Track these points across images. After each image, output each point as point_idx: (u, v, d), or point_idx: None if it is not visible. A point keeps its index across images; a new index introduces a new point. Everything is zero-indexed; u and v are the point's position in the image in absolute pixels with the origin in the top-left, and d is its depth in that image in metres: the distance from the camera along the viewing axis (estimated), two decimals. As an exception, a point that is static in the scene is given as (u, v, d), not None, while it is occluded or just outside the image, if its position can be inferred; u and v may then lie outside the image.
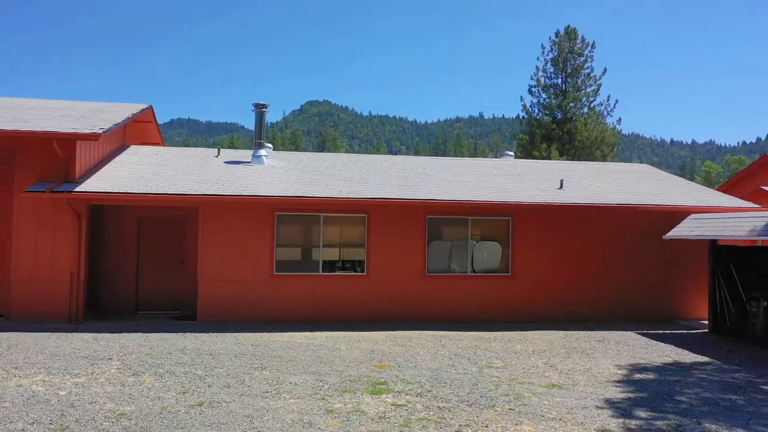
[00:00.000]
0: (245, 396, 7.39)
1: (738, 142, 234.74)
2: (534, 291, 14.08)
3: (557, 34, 42.03)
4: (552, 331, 12.65)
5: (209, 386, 7.79)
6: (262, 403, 7.11)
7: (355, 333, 12.01)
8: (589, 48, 41.50)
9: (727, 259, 13.00)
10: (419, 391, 7.82)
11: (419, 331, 12.34)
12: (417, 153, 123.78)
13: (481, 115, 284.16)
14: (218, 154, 16.69)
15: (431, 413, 6.88)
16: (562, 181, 15.25)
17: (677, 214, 13.97)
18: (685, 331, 13.12)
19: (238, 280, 13.17)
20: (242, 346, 10.50)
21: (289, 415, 6.66)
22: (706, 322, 13.48)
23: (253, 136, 16.64)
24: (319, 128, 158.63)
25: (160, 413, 6.62)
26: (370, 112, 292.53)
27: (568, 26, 42.08)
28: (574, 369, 9.28)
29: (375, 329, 12.47)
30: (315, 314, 13.30)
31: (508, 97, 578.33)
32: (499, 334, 12.28)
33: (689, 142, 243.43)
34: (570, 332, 12.58)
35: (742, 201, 15.40)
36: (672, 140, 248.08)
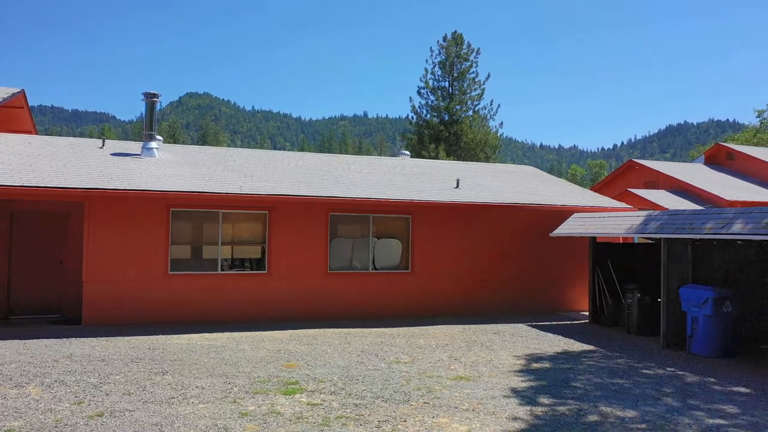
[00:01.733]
0: (149, 403, 6.94)
1: (598, 148, 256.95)
2: (433, 287, 14.48)
3: (445, 38, 43.51)
4: (451, 326, 13.09)
5: (107, 395, 7.23)
6: (169, 409, 6.72)
7: (259, 333, 11.70)
8: (474, 54, 43.42)
9: (605, 255, 14.15)
10: (333, 389, 7.77)
11: (323, 329, 12.26)
12: (302, 150, 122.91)
13: (365, 114, 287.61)
14: (103, 145, 15.51)
15: (348, 411, 6.86)
16: (458, 180, 15.82)
17: (562, 213, 14.99)
18: (569, 322, 14.10)
19: (128, 281, 12.33)
20: (138, 350, 9.85)
21: (201, 421, 6.35)
22: (587, 313, 14.57)
23: (136, 128, 15.83)
24: (200, 121, 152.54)
25: (56, 427, 6.05)
26: (253, 106, 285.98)
27: (455, 31, 43.76)
28: (477, 361, 9.66)
29: (278, 328, 12.22)
30: (215, 315, 12.78)
31: (391, 98, 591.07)
32: (402, 329, 12.50)
33: (556, 147, 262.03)
34: (468, 326, 13.08)
35: (617, 202, 16.84)
36: (541, 144, 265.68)
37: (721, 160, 29.28)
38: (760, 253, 11.65)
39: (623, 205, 16.31)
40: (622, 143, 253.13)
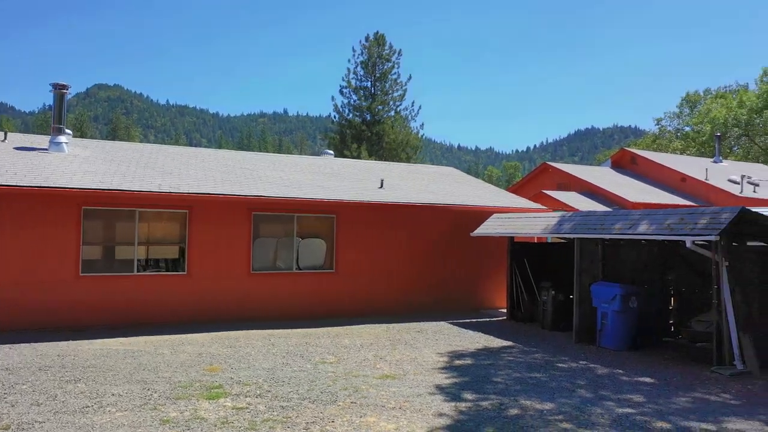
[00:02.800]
0: (62, 413, 6.57)
1: (512, 150, 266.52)
2: (357, 286, 14.53)
3: (367, 38, 43.73)
4: (375, 325, 13.19)
5: (13, 406, 6.78)
6: (84, 419, 6.39)
7: (178, 336, 11.31)
8: (396, 55, 43.93)
9: (522, 254, 14.72)
10: (258, 392, 7.65)
11: (246, 331, 12.02)
12: (220, 147, 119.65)
13: (285, 111, 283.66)
14: (5, 138, 14.46)
15: (275, 413, 6.78)
16: (382, 180, 15.97)
17: (483, 214, 15.45)
18: (488, 319, 14.57)
19: (36, 283, 11.57)
20: (46, 357, 9.28)
21: (119, 430, 6.09)
22: (505, 310, 15.11)
23: (39, 120, 15.02)
24: (109, 115, 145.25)
25: (-44, 443, 5.61)
26: (167, 100, 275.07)
27: (377, 32, 44.09)
28: (401, 359, 9.80)
29: (199, 331, 11.86)
30: (131, 318, 12.22)
31: (312, 96, 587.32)
32: (326, 329, 12.47)
33: (473, 148, 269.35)
34: (391, 325, 13.24)
35: (533, 203, 17.57)
36: (459, 146, 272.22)
37: (625, 164, 31.17)
38: (662, 251, 12.51)
39: (539, 206, 17.05)
40: (535, 146, 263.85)
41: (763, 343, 9.45)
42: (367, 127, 41.89)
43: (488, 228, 14.63)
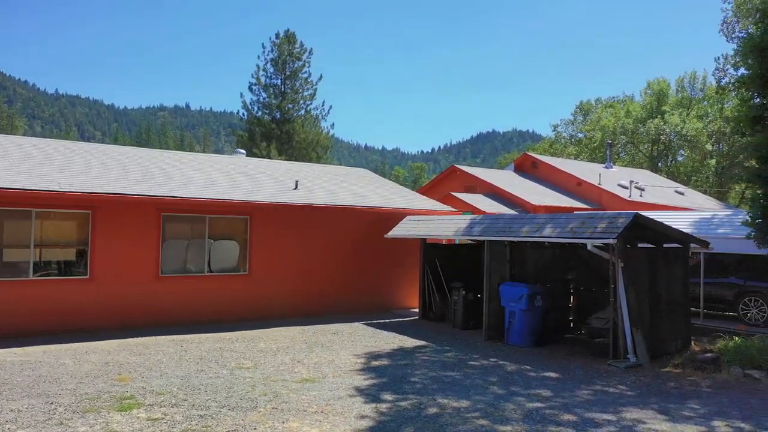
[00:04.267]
0: (-46, 433, 6.06)
1: (418, 151, 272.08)
2: (271, 289, 14.33)
3: (278, 35, 43.12)
4: (290, 327, 13.10)
5: None
6: (-19, 439, 5.94)
7: (82, 344, 10.67)
8: (307, 53, 43.59)
9: (434, 255, 15.14)
10: (173, 401, 7.42)
11: (156, 337, 11.55)
12: (116, 141, 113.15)
13: (187, 105, 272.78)
14: None
15: (194, 423, 6.62)
16: (297, 182, 15.85)
17: (397, 216, 15.73)
18: (402, 320, 14.85)
19: None
20: (-71, 372, 8.48)
21: (23, 449, 5.71)
22: (418, 310, 15.47)
23: None
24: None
25: None
26: (57, 90, 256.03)
27: (288, 30, 43.55)
28: (319, 362, 9.82)
29: (105, 338, 11.25)
30: (26, 326, 11.33)
31: (216, 90, 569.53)
32: (240, 333, 12.23)
33: (380, 148, 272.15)
34: (307, 327, 13.19)
35: (444, 205, 18.10)
36: (366, 145, 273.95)
37: (527, 168, 32.79)
38: (564, 253, 13.33)
39: (450, 208, 17.59)
40: (440, 147, 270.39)
41: (652, 337, 10.34)
42: (277, 126, 41.31)
43: (402, 230, 14.92)
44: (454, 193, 25.14)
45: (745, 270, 13.99)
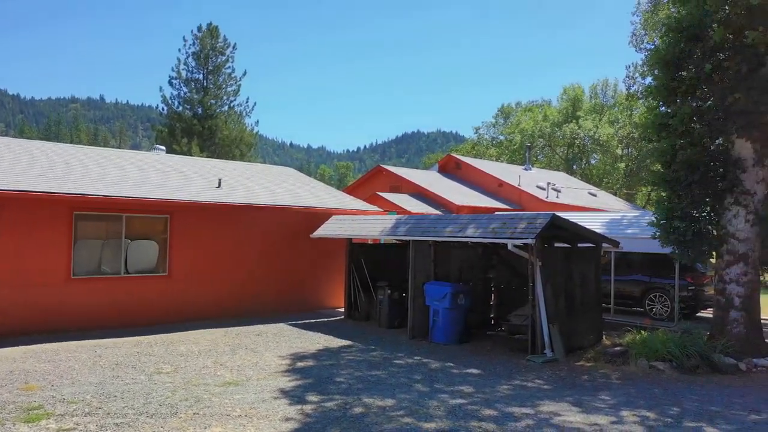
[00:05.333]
0: None
1: (344, 150, 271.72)
2: (192, 290, 13.90)
3: (200, 29, 41.83)
4: (212, 329, 12.76)
5: None
6: None
7: (-18, 352, 9.96)
8: (230, 48, 42.53)
9: (360, 255, 15.19)
10: (87, 410, 7.07)
11: (67, 342, 10.93)
12: (22, 133, 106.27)
13: (102, 98, 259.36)
14: None
15: (109, 432, 6.33)
16: (220, 180, 15.46)
17: (323, 215, 15.65)
18: (327, 320, 14.80)
19: None
20: None
21: None
22: (343, 310, 15.47)
23: None
24: None
25: None
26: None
27: (210, 23, 42.33)
28: (243, 365, 9.63)
29: (8, 345, 10.54)
30: None
31: (133, 83, 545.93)
32: (159, 337, 11.80)
33: (305, 146, 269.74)
34: (230, 329, 12.90)
35: (370, 205, 18.19)
36: (291, 143, 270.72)
37: (451, 169, 33.50)
38: (485, 252, 13.72)
39: (376, 208, 17.69)
40: (365, 146, 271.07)
41: (567, 332, 10.84)
42: (199, 122, 40.08)
43: (328, 229, 14.87)
44: (380, 193, 25.33)
45: (651, 268, 14.93)
